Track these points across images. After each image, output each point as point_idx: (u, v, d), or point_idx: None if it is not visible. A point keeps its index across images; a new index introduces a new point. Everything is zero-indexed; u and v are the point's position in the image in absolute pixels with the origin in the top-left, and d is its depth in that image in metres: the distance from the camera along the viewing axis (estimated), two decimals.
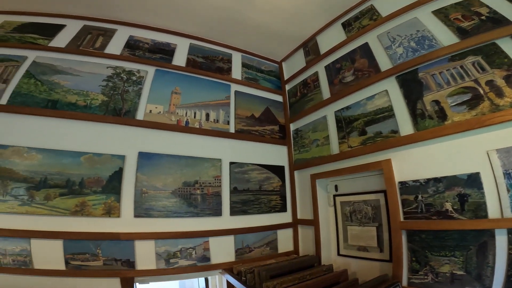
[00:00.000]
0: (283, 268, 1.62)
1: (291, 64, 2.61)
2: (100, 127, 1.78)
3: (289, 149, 2.36)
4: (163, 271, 1.70)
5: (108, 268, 1.59)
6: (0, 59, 1.75)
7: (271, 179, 2.19)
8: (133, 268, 1.64)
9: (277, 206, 2.15)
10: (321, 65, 2.17)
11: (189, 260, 1.76)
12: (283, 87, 2.60)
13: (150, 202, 1.75)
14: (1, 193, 1.49)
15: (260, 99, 2.43)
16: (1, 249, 1.46)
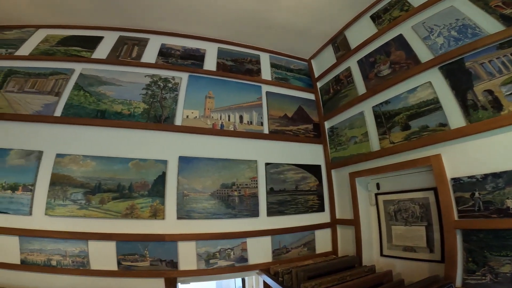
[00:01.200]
0: (322, 269, 1.61)
1: (320, 61, 2.59)
2: (144, 133, 1.91)
3: (325, 148, 2.34)
4: (203, 271, 1.78)
5: (154, 269, 1.70)
6: (50, 72, 1.95)
7: (307, 179, 2.19)
8: (176, 268, 1.73)
9: (314, 206, 2.15)
10: (353, 60, 2.13)
11: (227, 261, 1.83)
12: (315, 85, 2.58)
13: (191, 204, 1.85)
14: (62, 198, 1.66)
15: (292, 99, 2.44)
16: (62, 250, 1.62)
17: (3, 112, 1.73)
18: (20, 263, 1.57)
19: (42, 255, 1.58)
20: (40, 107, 1.79)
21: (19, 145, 1.69)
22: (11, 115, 1.73)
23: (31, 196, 1.63)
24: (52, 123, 1.77)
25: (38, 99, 1.82)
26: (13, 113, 1.74)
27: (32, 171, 1.65)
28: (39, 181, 1.65)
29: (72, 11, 2.07)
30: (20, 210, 1.60)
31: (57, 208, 1.64)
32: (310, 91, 2.56)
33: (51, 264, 1.59)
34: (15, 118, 1.73)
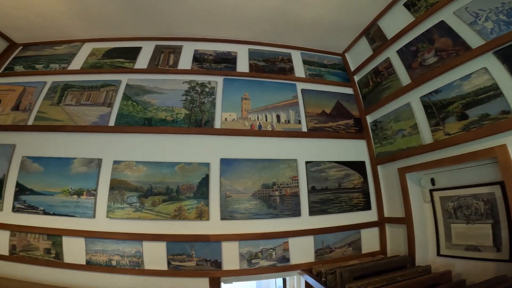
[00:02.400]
0: (369, 269, 1.55)
1: (355, 54, 2.52)
2: (186, 138, 2.02)
3: (368, 143, 2.25)
4: (246, 271, 1.82)
5: (200, 268, 1.78)
6: (101, 85, 2.14)
7: (351, 176, 2.13)
8: (220, 268, 1.80)
9: (359, 204, 2.09)
10: (391, 51, 2.04)
11: (269, 261, 1.85)
12: (352, 79, 2.51)
13: (233, 205, 1.90)
14: (120, 201, 1.82)
15: (329, 94, 2.40)
16: (120, 251, 1.76)
17: (65, 124, 1.95)
18: (85, 263, 1.74)
19: (104, 256, 1.75)
20: (96, 118, 1.99)
21: (81, 154, 1.89)
22: (72, 127, 1.94)
23: (94, 200, 1.81)
24: (108, 133, 1.95)
25: (94, 110, 2.01)
26: (74, 125, 1.95)
27: (94, 177, 1.83)
28: (100, 186, 1.83)
29: (111, 24, 2.25)
30: (85, 213, 1.78)
31: (116, 211, 1.80)
32: (347, 86, 2.50)
33: (112, 264, 1.74)
34: (75, 129, 1.94)
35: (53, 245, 1.75)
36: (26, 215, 1.79)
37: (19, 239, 1.77)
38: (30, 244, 1.76)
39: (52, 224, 1.77)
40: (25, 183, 1.84)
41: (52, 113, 2.02)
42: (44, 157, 1.89)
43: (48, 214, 1.79)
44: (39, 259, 1.74)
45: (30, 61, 2.30)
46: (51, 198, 1.82)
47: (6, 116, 2.01)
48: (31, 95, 2.08)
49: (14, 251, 1.75)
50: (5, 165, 1.87)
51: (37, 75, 2.21)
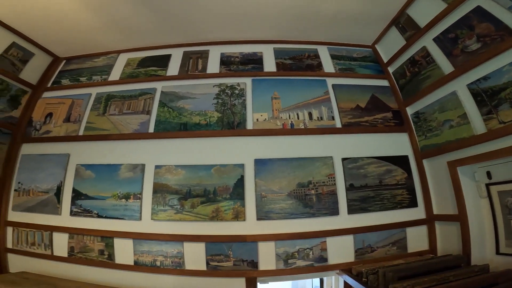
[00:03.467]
0: (416, 269, 1.48)
1: (386, 45, 2.42)
2: (220, 140, 2.08)
3: (411, 136, 2.15)
4: (282, 271, 1.82)
5: (236, 268, 1.82)
6: (139, 93, 2.28)
7: (393, 172, 2.05)
8: (256, 268, 1.82)
9: (404, 201, 1.99)
10: (427, 39, 1.96)
11: (306, 261, 1.84)
12: (386, 70, 2.42)
13: (269, 205, 1.92)
14: (162, 204, 1.92)
15: (362, 88, 2.33)
16: (164, 252, 1.86)
17: (111, 133, 2.11)
18: (133, 263, 1.86)
19: (149, 256, 1.86)
20: (137, 125, 2.13)
21: (127, 160, 2.04)
22: (117, 135, 2.10)
23: (140, 203, 1.94)
24: (148, 139, 2.09)
25: (135, 118, 2.16)
26: (119, 133, 2.11)
27: (139, 181, 1.97)
28: (145, 190, 1.96)
29: (141, 34, 2.38)
30: (132, 216, 1.92)
31: (159, 213, 1.91)
32: (381, 78, 2.40)
33: (156, 265, 1.85)
34: (120, 137, 2.10)
35: (106, 247, 1.90)
36: (82, 218, 1.98)
37: (77, 241, 1.95)
38: (86, 246, 1.93)
39: (105, 226, 1.93)
40: (80, 188, 2.03)
41: (99, 123, 2.20)
42: (95, 164, 2.07)
43: (101, 217, 1.95)
44: (94, 260, 1.90)
45: (75, 74, 2.51)
46: (103, 202, 1.98)
47: (59, 127, 2.23)
48: (79, 107, 2.28)
49: (72, 252, 1.93)
50: (62, 173, 2.08)
51: (82, 87, 2.41)
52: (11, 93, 2.21)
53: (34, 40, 2.34)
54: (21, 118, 2.30)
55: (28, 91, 2.36)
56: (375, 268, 1.56)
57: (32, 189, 2.11)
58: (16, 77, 2.24)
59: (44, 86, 2.48)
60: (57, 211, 2.02)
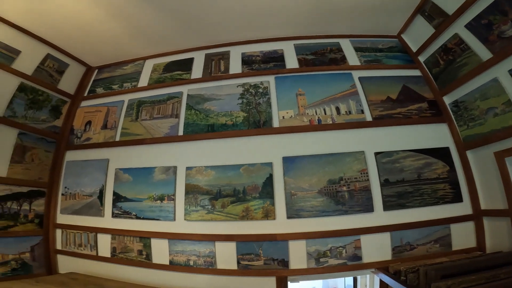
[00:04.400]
0: (461, 266, 1.38)
1: (413, 34, 2.31)
2: (247, 140, 2.09)
3: (451, 126, 2.01)
4: (313, 270, 1.79)
5: (267, 268, 1.82)
6: (167, 98, 2.36)
7: (432, 165, 1.92)
8: (287, 267, 1.81)
9: (446, 196, 1.86)
10: (458, 26, 1.84)
11: (339, 259, 1.79)
12: (416, 60, 2.29)
13: (299, 203, 1.89)
14: (194, 204, 1.98)
15: (392, 79, 2.22)
16: (196, 251, 1.91)
17: (144, 138, 2.22)
18: (169, 263, 1.94)
19: (183, 256, 1.93)
20: (168, 129, 2.21)
21: (160, 163, 2.13)
22: (150, 139, 2.21)
23: (173, 204, 2.01)
24: (178, 142, 2.16)
25: (165, 122, 2.25)
26: (151, 137, 2.21)
27: (171, 183, 2.05)
28: (177, 191, 2.03)
29: (164, 39, 2.47)
30: (167, 216, 2.00)
31: (192, 214, 1.97)
32: (412, 68, 2.28)
33: (189, 264, 1.91)
34: (153, 141, 2.20)
35: (144, 247, 2.00)
36: (122, 219, 2.10)
37: (118, 242, 2.08)
38: (127, 246, 2.05)
39: (143, 227, 2.04)
40: (120, 191, 2.16)
41: (133, 128, 2.33)
42: (132, 168, 2.19)
43: (139, 218, 2.07)
44: (133, 260, 2.01)
45: (107, 82, 2.67)
46: (141, 204, 2.09)
47: (98, 134, 2.40)
48: (114, 114, 2.43)
49: (115, 253, 2.06)
50: (103, 177, 2.23)
51: (115, 95, 2.56)
52: (52, 104, 2.41)
53: (67, 51, 2.52)
54: (63, 127, 2.50)
55: (67, 101, 2.56)
56: (415, 266, 1.49)
57: (77, 193, 2.29)
58: (55, 87, 2.43)
59: (81, 95, 2.66)
60: (100, 213, 2.16)
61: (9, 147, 2.08)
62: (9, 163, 2.05)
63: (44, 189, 2.28)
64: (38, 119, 2.30)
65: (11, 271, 1.93)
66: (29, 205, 2.19)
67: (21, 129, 2.14)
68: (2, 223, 1.97)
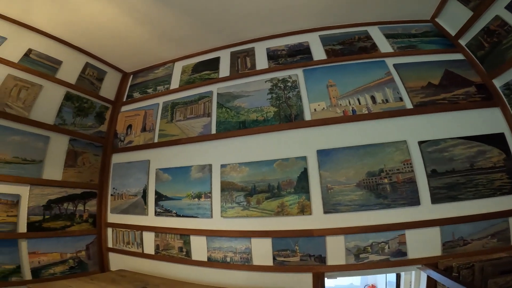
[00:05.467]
0: None
1: (448, 17, 2.14)
2: (280, 134, 2.06)
3: (504, 110, 1.80)
4: (352, 266, 1.71)
5: (303, 264, 1.78)
6: (198, 98, 2.41)
7: (486, 153, 1.73)
8: (324, 263, 1.75)
9: (504, 186, 1.66)
10: (498, 7, 1.71)
11: (381, 255, 1.69)
12: (457, 44, 2.11)
13: (336, 197, 1.82)
14: (230, 201, 2.00)
15: (431, 64, 2.05)
16: (233, 248, 1.93)
17: (180, 138, 2.30)
18: (207, 260, 1.98)
19: (220, 253, 1.96)
20: (201, 128, 2.27)
21: (196, 162, 2.19)
22: (185, 139, 2.28)
23: (210, 202, 2.05)
24: (212, 140, 2.20)
25: (198, 122, 2.31)
26: (186, 137, 2.28)
27: (207, 181, 2.09)
28: (213, 189, 2.07)
29: (189, 41, 2.52)
30: (205, 214, 2.04)
31: (228, 210, 2.00)
32: (452, 52, 2.09)
33: (226, 261, 1.93)
34: (188, 141, 2.27)
35: (184, 244, 2.07)
36: (164, 218, 2.20)
37: (161, 239, 2.18)
38: (169, 244, 2.14)
39: (182, 224, 2.11)
40: (161, 190, 2.27)
41: (169, 129, 2.42)
42: (170, 167, 2.28)
43: (179, 216, 2.14)
44: (175, 257, 2.09)
45: (142, 86, 2.81)
46: (180, 202, 2.17)
47: (139, 137, 2.54)
48: (151, 117, 2.55)
49: (158, 250, 2.16)
50: (145, 178, 2.36)
51: (150, 98, 2.68)
52: (96, 110, 2.60)
53: (103, 59, 2.70)
54: (108, 131, 2.69)
55: (109, 107, 2.74)
56: (469, 262, 1.38)
57: (124, 193, 2.45)
58: (97, 94, 2.62)
59: (121, 100, 2.84)
60: (145, 212, 2.29)
61: (62, 152, 2.28)
62: (63, 167, 2.25)
63: (95, 190, 2.47)
64: (85, 125, 2.49)
65: (69, 269, 2.11)
66: (83, 205, 2.37)
67: (71, 135, 2.34)
68: (61, 223, 2.17)
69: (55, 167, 2.19)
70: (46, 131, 2.16)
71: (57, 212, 2.15)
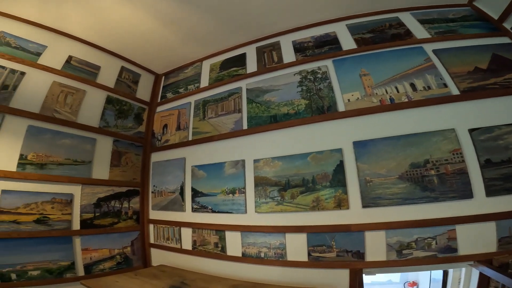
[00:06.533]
0: None
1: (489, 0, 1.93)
2: (313, 127, 1.99)
3: None
4: (394, 262, 1.60)
5: (340, 260, 1.71)
6: (228, 95, 2.43)
7: None
8: (363, 259, 1.66)
9: None
10: None
11: (427, 251, 1.55)
12: (501, 27, 1.91)
13: (376, 190, 1.71)
14: (264, 196, 1.98)
15: (476, 49, 1.85)
16: (267, 243, 1.91)
17: (213, 135, 2.34)
18: (241, 255, 1.99)
19: (254, 248, 1.95)
20: (233, 124, 2.28)
21: (229, 158, 2.20)
22: (218, 136, 2.31)
23: (244, 197, 2.06)
24: (244, 136, 2.20)
25: (229, 118, 2.32)
26: (219, 134, 2.31)
27: (241, 177, 2.10)
28: (247, 184, 2.07)
29: (214, 39, 2.52)
30: (239, 209, 2.05)
31: (262, 206, 1.98)
32: (498, 35, 1.89)
33: (260, 256, 1.92)
34: (220, 137, 2.29)
35: (220, 239, 2.10)
36: (200, 214, 2.25)
37: (198, 235, 2.23)
38: (205, 239, 2.19)
39: (218, 220, 2.14)
40: (197, 187, 2.33)
41: (202, 127, 2.47)
42: (205, 164, 2.33)
43: (214, 212, 2.18)
44: (210, 253, 2.13)
45: (174, 87, 2.89)
46: (215, 198, 2.20)
47: (174, 136, 2.63)
48: (184, 115, 2.63)
49: (195, 245, 2.22)
50: (182, 175, 2.44)
51: (182, 97, 2.76)
52: (134, 112, 2.74)
53: (136, 62, 2.82)
54: (146, 131, 2.83)
55: (145, 108, 2.87)
56: None
57: (163, 190, 2.55)
58: (134, 97, 2.76)
59: (155, 101, 2.96)
60: (182, 208, 2.36)
61: (108, 153, 2.44)
62: (109, 167, 2.40)
63: (138, 188, 2.62)
64: (126, 126, 2.64)
65: (116, 265, 2.24)
66: (128, 203, 2.52)
67: (114, 137, 2.49)
68: (109, 220, 2.31)
69: (102, 167, 2.35)
70: (93, 134, 2.32)
71: (105, 209, 2.30)
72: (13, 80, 1.93)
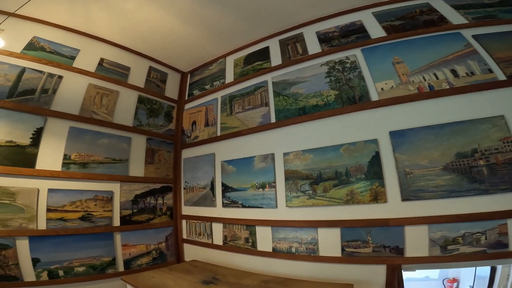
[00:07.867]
0: None
1: None
2: (344, 118, 1.89)
3: None
4: (437, 258, 1.47)
5: (376, 255, 1.60)
6: (254, 89, 2.39)
7: None
8: (402, 255, 1.54)
9: None
10: None
11: (475, 247, 1.41)
12: None
13: (417, 183, 1.57)
14: (295, 190, 1.92)
15: None
16: (298, 238, 1.85)
17: (241, 130, 2.31)
18: (271, 250, 1.95)
19: (285, 243, 1.90)
20: (260, 118, 2.24)
21: (258, 152, 2.17)
22: (246, 130, 2.28)
23: (274, 191, 2.01)
24: (272, 129, 2.15)
25: (257, 112, 2.28)
26: (247, 128, 2.28)
27: (271, 170, 2.06)
28: (277, 178, 2.02)
29: (236, 33, 2.48)
30: (269, 204, 2.02)
31: (293, 200, 1.93)
32: None
33: (291, 251, 1.87)
34: (248, 132, 2.26)
35: (250, 234, 2.08)
36: (231, 209, 2.25)
37: (228, 230, 2.23)
38: (236, 234, 2.18)
39: (248, 215, 2.12)
40: (227, 182, 2.33)
41: (229, 122, 2.47)
42: (234, 159, 2.32)
43: (245, 207, 2.17)
44: (241, 248, 2.12)
45: (200, 84, 2.91)
46: (245, 193, 2.18)
47: (203, 132, 2.65)
48: (212, 111, 2.64)
49: (226, 241, 2.22)
50: (212, 170, 2.45)
51: (209, 94, 2.76)
52: (164, 110, 2.81)
53: (163, 61, 2.87)
54: (176, 129, 2.89)
55: (174, 106, 2.93)
56: None
57: (194, 186, 2.59)
58: (163, 95, 2.83)
59: (183, 99, 3.01)
60: (213, 203, 2.38)
61: (142, 151, 2.52)
62: (144, 164, 2.49)
63: (171, 185, 2.68)
64: (158, 125, 2.71)
65: (152, 260, 2.31)
66: (162, 199, 2.59)
67: (147, 135, 2.57)
68: (145, 216, 2.39)
69: (138, 164, 2.44)
70: (128, 133, 2.41)
71: (142, 206, 2.39)
72: (52, 83, 2.03)
